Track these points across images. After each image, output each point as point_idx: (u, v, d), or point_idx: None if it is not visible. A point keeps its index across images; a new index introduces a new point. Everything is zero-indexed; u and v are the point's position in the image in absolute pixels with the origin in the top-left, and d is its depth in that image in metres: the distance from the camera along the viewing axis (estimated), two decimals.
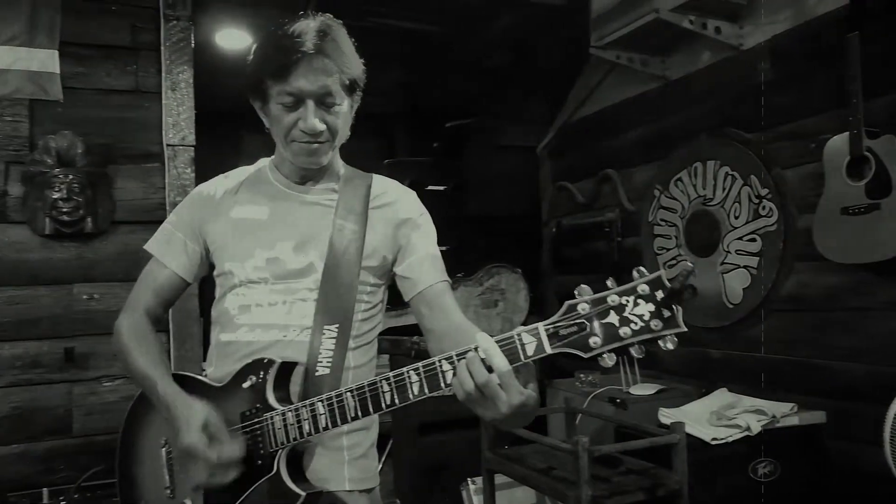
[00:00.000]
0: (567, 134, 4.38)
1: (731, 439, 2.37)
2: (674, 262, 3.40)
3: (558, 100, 4.35)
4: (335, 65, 1.30)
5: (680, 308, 1.02)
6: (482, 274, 4.12)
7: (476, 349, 1.07)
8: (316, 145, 1.34)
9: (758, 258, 2.92)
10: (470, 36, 4.16)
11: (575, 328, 1.05)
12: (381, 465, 3.93)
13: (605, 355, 1.03)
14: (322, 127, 1.32)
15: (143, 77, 2.80)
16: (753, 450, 2.38)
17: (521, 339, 1.06)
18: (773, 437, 2.41)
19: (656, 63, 3.49)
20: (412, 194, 1.50)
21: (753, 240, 2.94)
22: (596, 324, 1.04)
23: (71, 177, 2.59)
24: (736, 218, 3.04)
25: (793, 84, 2.76)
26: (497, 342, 1.07)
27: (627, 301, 1.03)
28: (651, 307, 1.02)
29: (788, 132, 2.79)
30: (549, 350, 1.06)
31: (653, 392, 2.99)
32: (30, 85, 2.65)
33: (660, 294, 1.02)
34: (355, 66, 1.35)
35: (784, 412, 2.48)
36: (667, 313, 1.01)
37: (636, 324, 1.02)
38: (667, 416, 2.54)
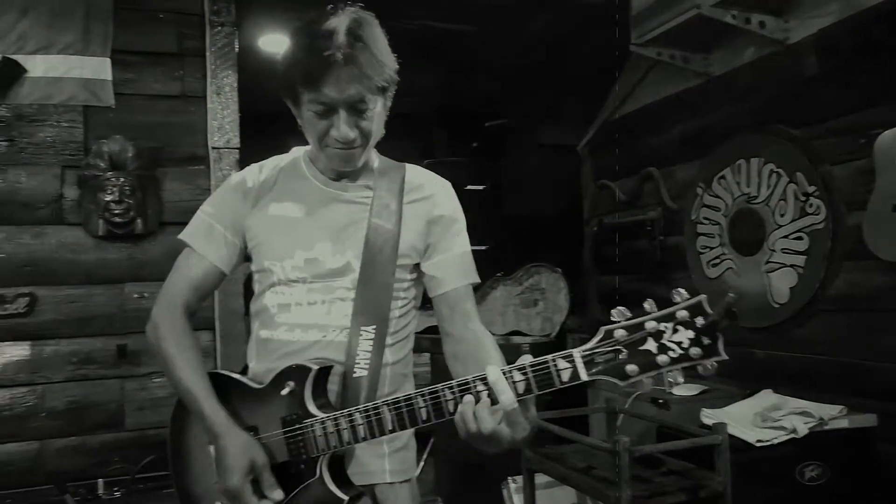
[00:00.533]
0: (608, 132, 4.34)
1: (776, 441, 2.32)
2: (717, 260, 3.35)
3: (598, 98, 4.32)
4: (367, 71, 1.25)
5: (721, 336, 1.00)
6: (521, 273, 4.12)
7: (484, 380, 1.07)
8: (349, 150, 1.33)
9: (804, 257, 2.85)
10: (507, 35, 4.17)
11: (612, 355, 1.03)
12: (422, 463, 3.96)
13: (643, 382, 1.02)
14: (354, 134, 1.30)
15: (189, 82, 2.88)
16: (800, 453, 2.34)
17: (556, 366, 1.05)
18: (820, 440, 2.36)
19: (698, 59, 3.43)
20: (448, 188, 1.48)
21: (800, 238, 2.88)
22: (633, 351, 1.02)
23: (122, 180, 2.68)
24: (781, 216, 2.97)
25: (840, 78, 2.69)
26: (531, 367, 1.06)
27: (666, 328, 1.02)
28: (690, 334, 1.00)
29: (836, 128, 2.72)
30: (584, 377, 1.04)
31: (695, 393, 2.95)
32: (84, 92, 2.75)
33: (700, 321, 1.00)
34: (389, 67, 1.31)
35: (832, 415, 2.43)
36: (707, 340, 1.00)
37: (674, 351, 1.01)
38: (709, 416, 2.50)
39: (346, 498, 1.24)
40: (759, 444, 2.32)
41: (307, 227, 1.37)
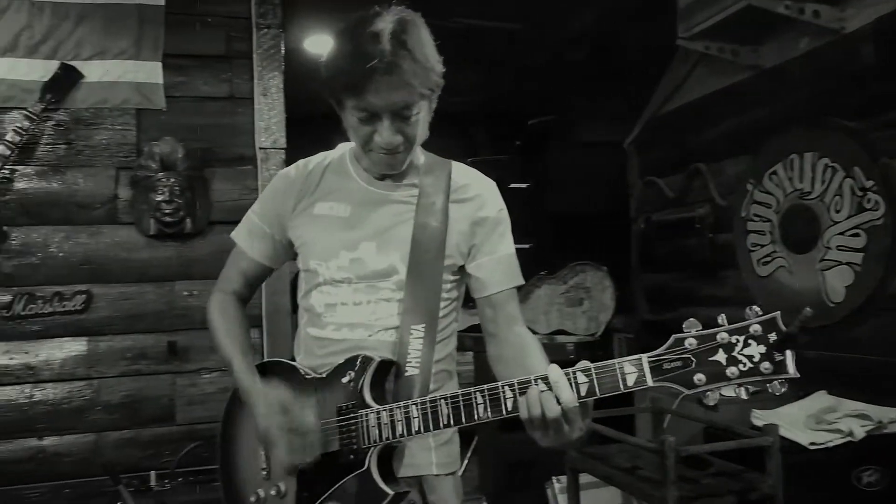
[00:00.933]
0: (655, 128, 4.27)
1: (831, 444, 2.26)
2: (768, 258, 3.26)
3: (643, 94, 4.25)
4: (410, 79, 1.24)
5: (793, 353, 1.00)
6: (566, 272, 4.08)
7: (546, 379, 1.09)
8: (393, 155, 1.33)
9: (862, 254, 2.76)
10: (551, 32, 4.14)
11: (680, 363, 1.03)
12: (466, 461, 3.96)
13: (708, 394, 1.02)
14: (399, 140, 1.31)
15: (236, 84, 2.94)
16: (857, 456, 2.26)
17: (622, 370, 1.06)
18: (879, 443, 2.29)
19: (748, 52, 3.35)
20: (493, 188, 1.47)
21: (857, 235, 2.78)
22: (702, 360, 1.02)
23: (172, 180, 2.75)
24: (837, 212, 2.88)
25: None
26: (596, 370, 1.07)
27: (738, 340, 1.01)
28: (762, 349, 1.00)
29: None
30: (650, 383, 1.04)
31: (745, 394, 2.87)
32: (136, 95, 2.83)
33: (773, 336, 1.00)
34: (434, 72, 1.30)
35: (892, 417, 2.35)
36: (778, 356, 1.00)
37: (744, 364, 1.00)
38: (760, 418, 2.44)
39: (391, 493, 1.24)
40: (812, 447, 2.25)
41: (352, 226, 1.38)
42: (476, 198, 1.42)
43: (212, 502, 2.43)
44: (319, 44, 4.35)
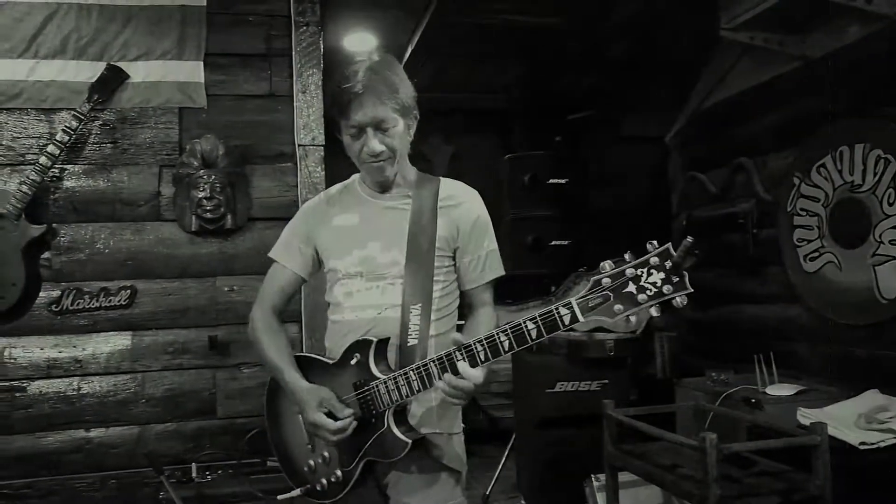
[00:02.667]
0: (697, 122, 4.18)
1: (882, 445, 2.17)
2: (816, 254, 3.16)
3: (685, 88, 4.17)
4: (383, 98, 1.57)
5: (686, 274, 1.25)
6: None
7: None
8: (380, 163, 1.63)
9: None
10: (591, 27, 4.08)
11: (601, 300, 1.31)
12: (504, 460, 3.94)
13: (630, 318, 1.28)
14: (381, 148, 1.61)
15: (276, 82, 2.98)
16: None
17: (558, 312, 1.35)
18: None
19: (795, 41, 3.25)
20: (476, 197, 1.75)
21: None
22: (618, 294, 1.29)
23: (213, 177, 2.80)
24: (890, 205, 2.77)
25: None
26: (539, 315, 1.37)
27: (642, 272, 1.27)
28: (662, 275, 1.26)
29: None
30: (581, 319, 1.33)
31: (792, 393, 2.79)
32: (179, 94, 2.90)
33: (668, 264, 1.25)
34: (403, 94, 1.61)
35: None
36: (676, 279, 1.26)
37: (650, 290, 1.27)
38: (807, 416, 2.36)
39: (409, 441, 1.54)
40: (862, 448, 2.17)
41: (361, 231, 1.70)
42: (459, 205, 1.71)
43: (249, 494, 2.46)
44: (358, 41, 4.37)
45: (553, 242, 3.87)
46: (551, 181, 3.82)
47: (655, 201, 4.50)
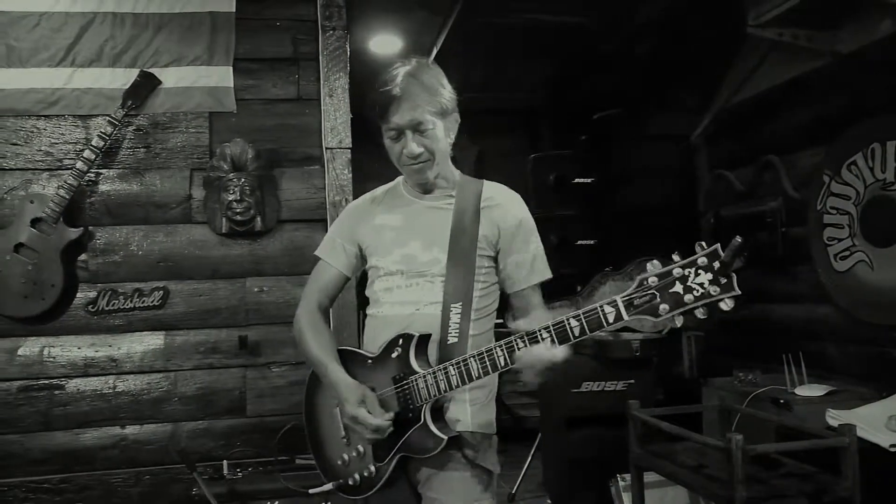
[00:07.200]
0: (724, 120, 4.15)
1: None
2: (846, 253, 3.12)
3: (711, 85, 4.13)
4: (420, 101, 1.61)
5: (734, 276, 1.23)
6: (632, 268, 4.00)
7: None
8: (419, 165, 1.66)
9: None
10: (616, 25, 4.07)
11: (647, 298, 1.29)
12: (529, 459, 3.95)
13: (675, 318, 1.26)
14: (420, 150, 1.64)
15: (303, 86, 3.02)
16: None
17: (603, 310, 1.33)
18: None
19: (825, 37, 3.21)
20: (518, 200, 1.76)
21: None
22: (664, 294, 1.28)
23: (243, 180, 2.86)
24: None
25: None
26: (583, 312, 1.36)
27: (689, 272, 1.27)
28: (710, 276, 1.25)
29: None
30: (626, 317, 1.31)
31: (822, 394, 2.76)
32: (209, 99, 2.96)
33: (717, 265, 1.24)
34: (442, 97, 1.64)
35: None
36: (724, 280, 1.24)
37: (698, 291, 1.26)
38: (835, 417, 2.34)
39: (445, 437, 1.55)
40: (893, 450, 2.15)
41: (403, 230, 1.73)
42: (500, 206, 1.72)
43: (279, 491, 2.51)
44: (384, 44, 4.41)
45: (578, 242, 3.88)
46: (577, 180, 3.83)
47: (682, 200, 4.47)
